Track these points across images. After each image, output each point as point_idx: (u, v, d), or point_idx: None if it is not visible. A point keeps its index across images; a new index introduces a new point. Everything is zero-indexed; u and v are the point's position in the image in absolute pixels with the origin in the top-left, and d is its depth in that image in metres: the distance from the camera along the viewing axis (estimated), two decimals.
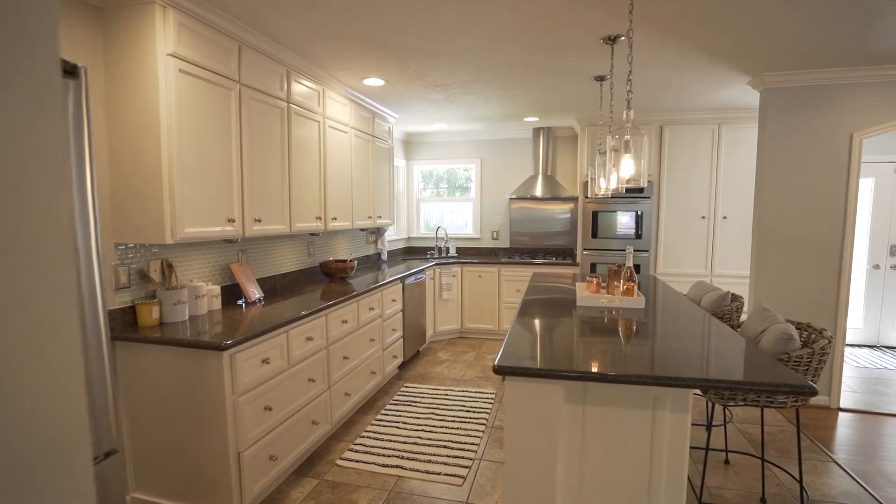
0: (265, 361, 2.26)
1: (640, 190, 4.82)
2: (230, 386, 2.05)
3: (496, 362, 1.68)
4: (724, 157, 4.67)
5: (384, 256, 5.27)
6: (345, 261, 3.95)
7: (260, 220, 2.69)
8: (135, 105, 2.07)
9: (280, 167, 2.90)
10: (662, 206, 4.84)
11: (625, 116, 2.01)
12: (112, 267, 2.17)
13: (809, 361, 1.77)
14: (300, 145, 3.11)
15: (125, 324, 2.24)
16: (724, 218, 4.71)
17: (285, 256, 3.52)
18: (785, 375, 1.49)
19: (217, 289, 2.64)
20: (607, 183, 2.75)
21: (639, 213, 4.85)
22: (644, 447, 1.75)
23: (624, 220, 4.89)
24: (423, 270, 4.76)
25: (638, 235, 4.87)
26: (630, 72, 2.06)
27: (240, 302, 2.86)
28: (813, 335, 2.01)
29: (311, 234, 3.46)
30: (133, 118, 2.08)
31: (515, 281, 5.24)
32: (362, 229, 4.42)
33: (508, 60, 3.08)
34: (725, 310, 2.57)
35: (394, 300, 3.99)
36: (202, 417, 2.06)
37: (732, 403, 1.87)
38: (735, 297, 2.65)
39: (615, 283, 2.80)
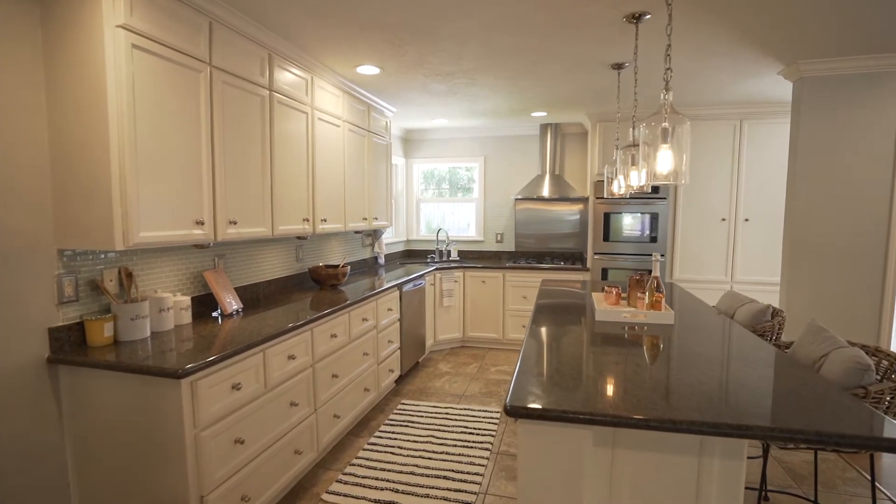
0: (236, 387, 1.94)
1: (656, 190, 4.50)
2: (190, 419, 1.73)
3: (508, 401, 1.35)
4: (746, 155, 4.34)
5: (381, 260, 4.95)
6: (336, 266, 3.63)
7: (235, 223, 2.37)
8: (79, 85, 1.75)
9: (260, 163, 2.58)
10: (679, 208, 4.51)
11: (663, 98, 1.69)
12: (54, 277, 1.85)
13: (892, 399, 1.45)
14: (285, 139, 2.79)
15: (72, 344, 1.92)
16: (746, 220, 4.38)
17: (270, 262, 3.20)
18: (886, 428, 1.16)
19: (186, 300, 2.32)
20: (626, 181, 2.42)
21: (654, 215, 4.52)
22: (687, 500, 1.43)
23: (638, 223, 4.56)
24: (422, 276, 4.44)
25: (653, 239, 4.54)
26: (669, 45, 1.74)
27: (215, 314, 2.54)
28: (884, 362, 1.68)
29: (299, 238, 3.14)
30: (77, 100, 1.76)
31: (521, 287, 4.91)
32: (357, 232, 4.10)
33: (517, 45, 2.76)
34: (766, 326, 2.25)
35: (390, 309, 3.67)
36: (158, 456, 1.74)
37: (792, 446, 1.54)
38: (776, 312, 2.32)
39: (638, 294, 2.47)
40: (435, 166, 5.83)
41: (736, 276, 4.44)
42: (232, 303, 2.61)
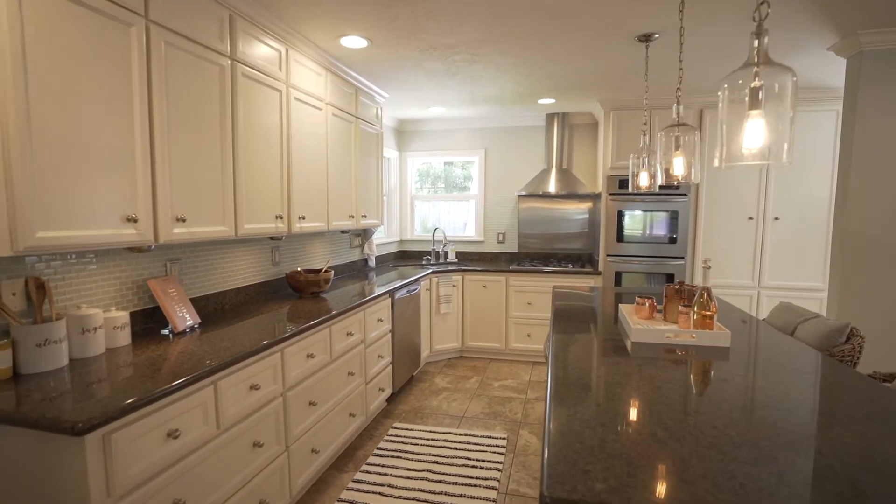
0: (173, 435, 1.48)
1: (676, 185, 4.06)
2: (101, 487, 1.27)
3: (544, 488, 0.90)
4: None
5: (372, 263, 4.49)
6: (318, 271, 3.16)
7: (184, 220, 1.91)
8: None
9: (219, 147, 2.11)
10: (702, 205, 4.08)
11: (755, 45, 1.23)
12: None
13: None
14: (253, 120, 2.33)
15: None
16: (776, 219, 3.96)
17: (239, 267, 2.73)
18: None
19: (123, 316, 1.85)
20: (669, 170, 1.97)
21: (673, 213, 4.09)
22: None
23: (655, 222, 4.13)
24: (417, 280, 3.98)
25: (672, 239, 4.11)
26: None
27: (165, 332, 2.07)
28: None
29: (272, 239, 2.68)
30: None
31: (526, 292, 4.47)
32: (343, 231, 3.65)
33: (532, 6, 2.31)
34: (846, 350, 1.81)
35: (380, 320, 3.21)
36: None
37: None
38: (854, 332, 1.89)
39: (679, 307, 2.03)
40: (431, 160, 5.38)
41: (764, 280, 4.02)
42: (186, 317, 2.14)
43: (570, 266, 4.58)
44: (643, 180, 2.68)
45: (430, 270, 4.37)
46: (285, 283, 3.14)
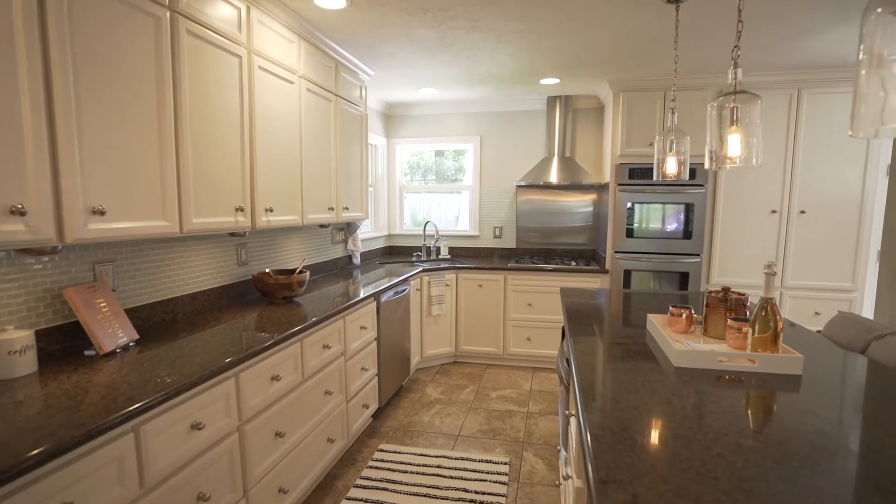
0: None
1: (692, 175, 3.69)
2: None
3: None
4: (804, 133, 3.55)
5: (356, 260, 4.07)
6: (291, 272, 2.74)
7: (103, 213, 1.48)
8: None
9: (156, 123, 1.68)
10: (719, 197, 3.71)
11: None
12: None
13: None
14: (204, 90, 1.89)
15: None
16: (802, 213, 3.61)
17: (196, 268, 2.31)
18: None
19: (24, 337, 1.43)
20: (722, 150, 1.58)
21: (688, 205, 3.72)
22: None
23: (669, 216, 3.76)
24: (406, 280, 3.58)
25: (687, 235, 3.74)
26: None
27: (90, 352, 1.65)
28: None
29: (233, 235, 2.26)
30: None
31: (526, 292, 4.09)
32: (322, 226, 3.22)
33: None
34: None
35: (364, 327, 2.81)
36: None
37: None
38: None
39: (726, 321, 1.65)
40: (422, 147, 4.95)
41: (787, 280, 3.67)
42: (118, 334, 1.71)
43: (573, 263, 4.20)
44: (671, 167, 2.30)
45: (420, 268, 3.97)
46: (253, 285, 2.72)
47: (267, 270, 2.60)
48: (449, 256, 4.73)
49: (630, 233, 3.83)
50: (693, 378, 1.41)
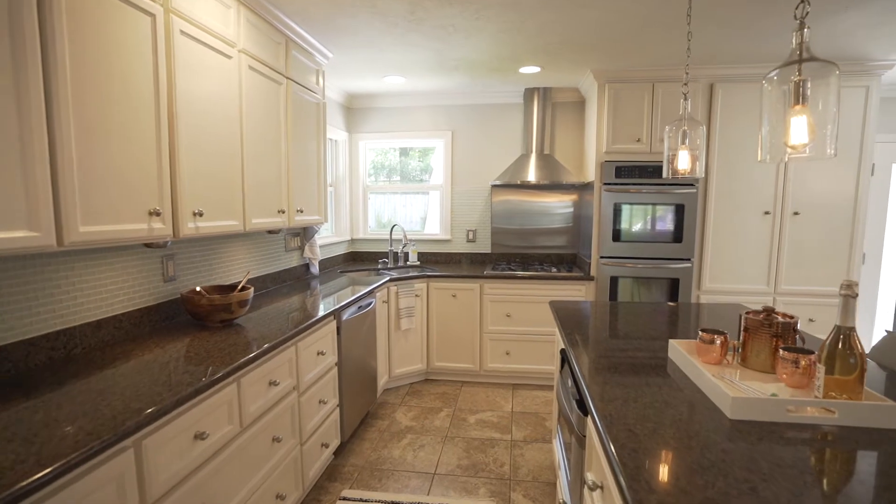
0: None
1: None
2: None
3: None
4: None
5: (315, 269, 3.59)
6: (231, 288, 2.26)
7: None
8: None
9: (13, 91, 1.19)
10: (711, 198, 3.46)
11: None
12: None
13: None
14: (95, 56, 1.41)
15: None
16: (796, 214, 3.40)
17: (103, 287, 1.80)
18: None
19: None
20: (784, 137, 1.24)
21: (678, 207, 3.45)
22: None
23: (658, 217, 3.48)
24: (371, 292, 3.14)
25: (677, 238, 3.47)
26: None
27: None
28: None
29: (148, 246, 1.78)
30: None
31: (504, 301, 3.72)
32: (272, 231, 2.75)
33: None
34: None
35: (321, 352, 2.36)
36: None
37: None
38: None
39: (780, 354, 1.32)
40: (388, 143, 4.51)
41: (780, 285, 3.45)
42: None
43: (554, 270, 3.87)
44: (683, 162, 1.97)
45: (387, 278, 3.53)
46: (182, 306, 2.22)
47: (198, 289, 2.11)
48: (418, 263, 4.31)
49: (616, 236, 3.52)
50: (761, 438, 1.06)
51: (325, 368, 2.41)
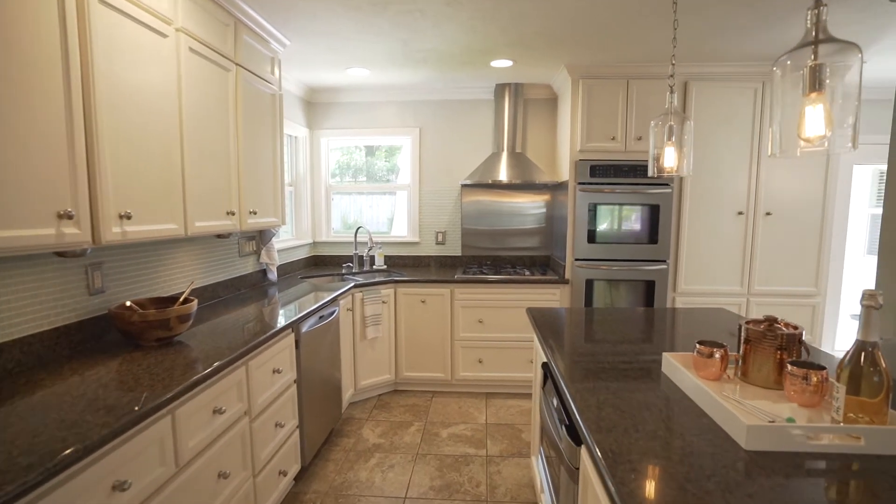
0: None
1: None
2: None
3: None
4: (768, 129, 3.30)
5: (272, 276, 3.32)
6: (173, 300, 1.99)
7: None
8: None
9: None
10: (686, 198, 3.40)
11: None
12: None
13: None
14: None
15: None
16: (768, 214, 3.37)
17: (6, 304, 1.51)
18: None
19: None
20: (799, 130, 1.10)
21: (654, 207, 3.36)
22: None
23: (634, 218, 3.38)
24: (335, 300, 2.91)
25: (653, 239, 3.39)
26: None
27: None
28: None
29: (60, 254, 1.50)
30: None
31: (476, 307, 3.55)
32: (221, 236, 2.48)
33: None
34: None
35: (278, 370, 2.11)
36: None
37: None
38: None
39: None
40: (351, 141, 4.27)
41: (754, 286, 3.42)
42: None
43: (527, 272, 3.73)
44: (669, 159, 1.84)
45: (351, 283, 3.30)
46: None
47: (128, 303, 1.83)
48: (385, 267, 4.09)
49: (592, 238, 3.41)
50: (787, 475, 0.91)
51: (283, 387, 2.17)
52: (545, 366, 1.78)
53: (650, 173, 1.91)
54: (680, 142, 1.80)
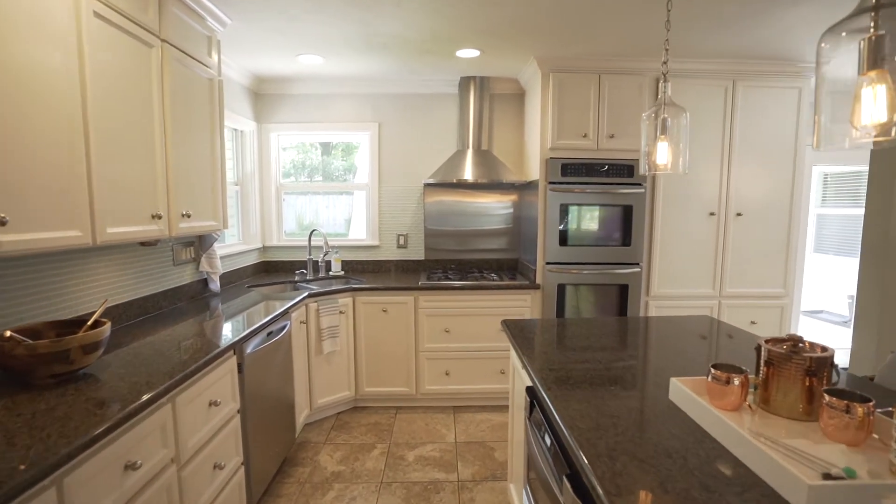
0: None
1: (630, 173, 3.21)
2: None
3: None
4: (739, 129, 3.25)
5: (214, 286, 2.95)
6: (78, 324, 1.62)
7: None
8: None
9: None
10: (659, 198, 3.28)
11: None
12: None
13: None
14: None
15: None
16: (739, 215, 3.31)
17: None
18: None
19: None
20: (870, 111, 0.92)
21: (627, 208, 3.23)
22: None
23: (607, 219, 3.24)
24: (286, 312, 2.58)
25: (626, 241, 3.25)
26: None
27: None
28: None
29: None
30: None
31: (442, 315, 3.30)
32: (145, 244, 2.11)
33: None
34: None
35: (215, 402, 1.78)
36: None
37: None
38: None
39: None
40: (304, 137, 3.92)
41: (725, 288, 3.36)
42: None
43: (494, 276, 3.53)
44: (662, 156, 1.66)
45: (305, 293, 2.98)
46: None
47: (8, 334, 1.44)
48: (342, 273, 3.77)
49: (563, 240, 3.24)
50: None
51: (223, 421, 1.84)
52: (531, 392, 1.56)
53: (641, 171, 1.73)
54: (675, 137, 1.62)
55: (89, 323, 1.59)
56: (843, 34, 0.88)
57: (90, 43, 1.55)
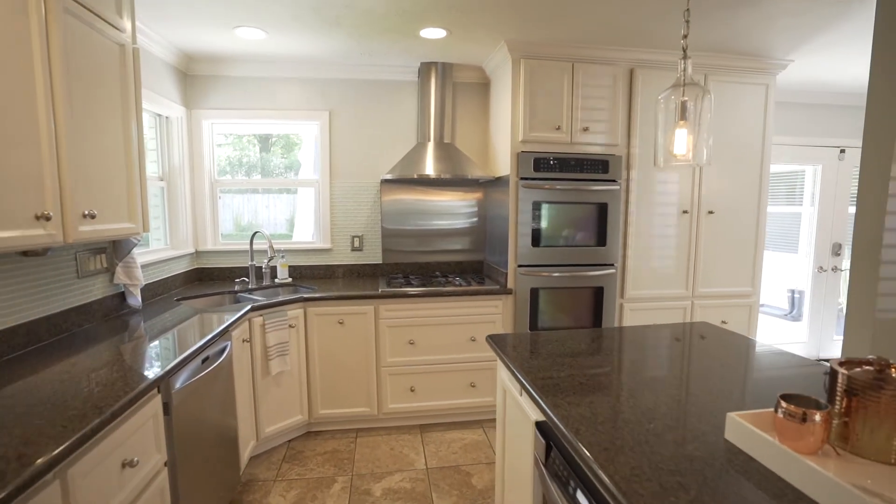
0: None
1: (605, 169, 3.03)
2: None
3: None
4: (710, 123, 3.14)
5: (135, 300, 2.45)
6: None
7: None
8: None
9: None
10: (633, 195, 3.13)
11: None
12: None
13: None
14: None
15: None
16: (710, 213, 3.22)
17: None
18: None
19: None
20: None
21: (601, 206, 3.05)
22: None
23: (581, 218, 3.04)
24: (225, 331, 2.16)
25: (601, 242, 3.07)
26: None
27: None
28: None
29: None
30: None
31: (405, 326, 2.98)
32: (28, 252, 1.64)
33: None
34: None
35: (131, 463, 1.36)
36: None
37: None
38: None
39: None
40: (243, 126, 3.45)
41: (697, 288, 3.26)
42: None
43: (459, 280, 3.25)
44: (680, 145, 1.43)
45: (248, 306, 2.55)
46: None
47: None
48: (290, 280, 3.35)
49: (536, 241, 3.01)
50: None
51: (143, 482, 1.43)
52: (544, 430, 1.27)
53: (655, 163, 1.50)
54: (697, 122, 1.39)
55: None
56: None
57: None
